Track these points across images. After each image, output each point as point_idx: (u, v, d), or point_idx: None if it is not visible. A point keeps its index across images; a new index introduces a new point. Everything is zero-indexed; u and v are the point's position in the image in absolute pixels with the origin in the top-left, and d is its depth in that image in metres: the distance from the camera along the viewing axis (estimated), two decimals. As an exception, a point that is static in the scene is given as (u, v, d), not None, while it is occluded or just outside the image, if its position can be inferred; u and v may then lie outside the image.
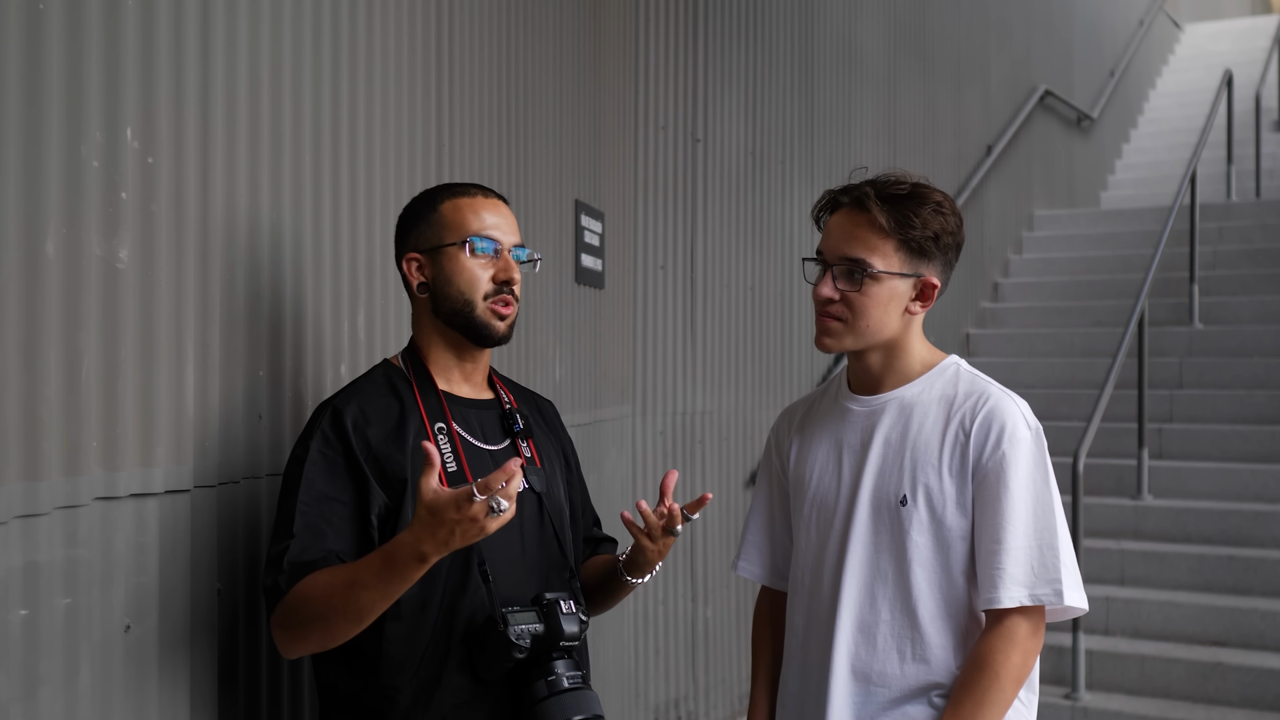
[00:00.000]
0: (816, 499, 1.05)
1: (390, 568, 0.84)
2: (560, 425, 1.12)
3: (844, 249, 1.00)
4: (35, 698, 0.80)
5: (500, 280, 0.99)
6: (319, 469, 0.93)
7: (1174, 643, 2.58)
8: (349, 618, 0.87)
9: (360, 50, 1.26)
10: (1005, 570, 0.95)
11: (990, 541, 0.97)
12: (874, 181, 1.01)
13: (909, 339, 1.04)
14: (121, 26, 0.89)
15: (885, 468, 1.01)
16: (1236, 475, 3.04)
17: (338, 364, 1.20)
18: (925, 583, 0.99)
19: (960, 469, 0.98)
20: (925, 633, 0.98)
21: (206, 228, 0.99)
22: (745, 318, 2.60)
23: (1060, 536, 0.97)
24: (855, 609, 1.00)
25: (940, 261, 1.02)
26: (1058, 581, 0.96)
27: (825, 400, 1.10)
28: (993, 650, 0.96)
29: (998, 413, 0.98)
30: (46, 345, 0.81)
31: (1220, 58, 6.42)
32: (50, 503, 0.81)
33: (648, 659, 2.23)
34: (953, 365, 1.04)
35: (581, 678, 0.91)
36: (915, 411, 1.02)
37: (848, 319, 1.01)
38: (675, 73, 2.34)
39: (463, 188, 1.02)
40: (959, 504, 0.98)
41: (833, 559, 1.02)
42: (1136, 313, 3.02)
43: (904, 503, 0.99)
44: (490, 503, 0.77)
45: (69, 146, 0.84)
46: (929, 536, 0.99)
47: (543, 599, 0.92)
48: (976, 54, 4.14)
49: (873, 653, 0.99)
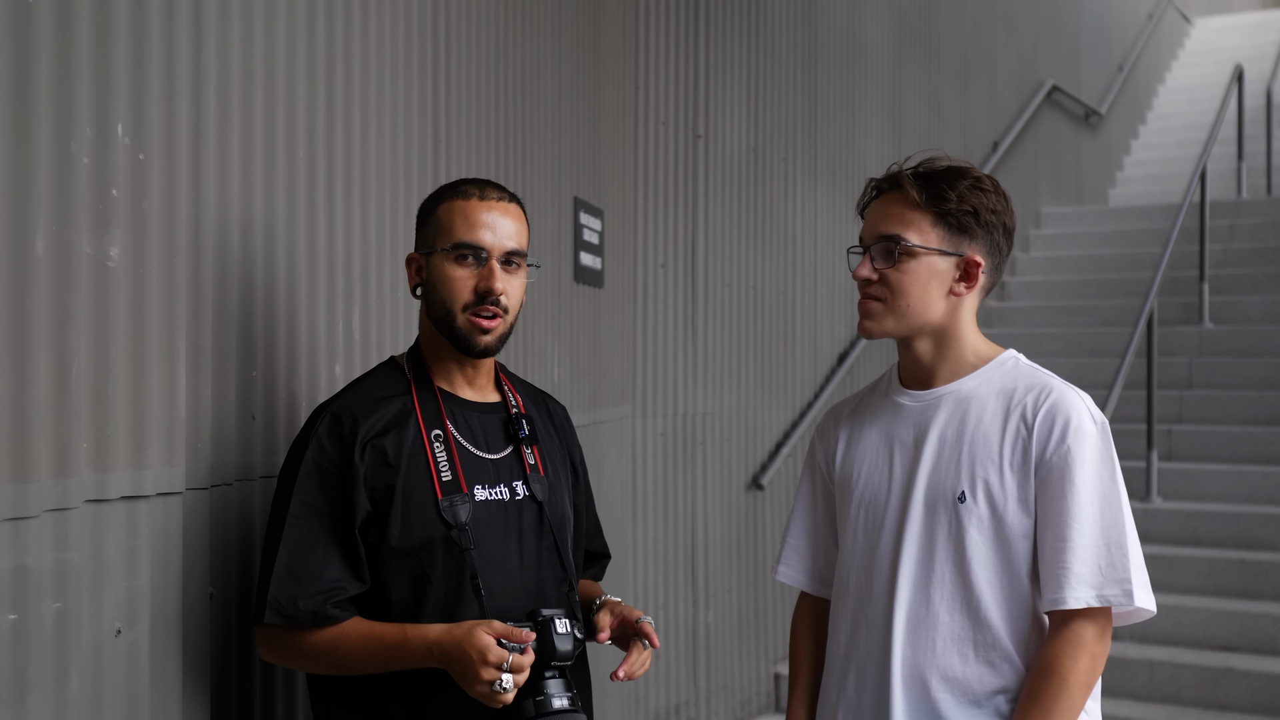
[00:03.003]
0: (865, 497, 1.01)
1: (401, 656, 0.89)
2: (570, 429, 1.10)
3: (879, 228, 0.98)
4: (24, 703, 0.79)
5: (481, 291, 0.95)
6: (312, 479, 0.93)
7: (1183, 648, 2.56)
8: (339, 670, 0.93)
9: (356, 45, 1.24)
10: (1071, 570, 0.91)
11: (1055, 540, 0.93)
12: (910, 165, 1.00)
13: (959, 327, 0.99)
14: (113, 20, 0.88)
15: (941, 463, 0.97)
16: (1247, 477, 3.01)
17: (332, 364, 1.19)
18: (986, 582, 0.94)
19: (1022, 464, 0.94)
20: (987, 635, 0.94)
21: (199, 226, 0.98)
22: (747, 317, 2.58)
23: (1129, 535, 0.93)
24: (911, 611, 0.96)
25: (984, 240, 0.97)
26: (1127, 581, 0.91)
27: (875, 396, 1.06)
28: (1059, 656, 0.92)
29: (1062, 406, 0.94)
30: (36, 345, 0.80)
31: (1230, 52, 6.36)
32: (40, 505, 0.80)
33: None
34: (1011, 358, 1.00)
35: (572, 699, 0.89)
36: (972, 405, 0.97)
37: (887, 299, 0.97)
38: (676, 67, 2.32)
39: (465, 188, 0.98)
40: (1021, 501, 0.94)
41: (885, 559, 0.98)
42: (1145, 312, 3.00)
43: (962, 499, 0.95)
44: (499, 683, 0.84)
45: (59, 143, 0.83)
46: (989, 534, 0.94)
47: (538, 615, 0.90)
48: (983, 48, 4.11)
49: (932, 657, 0.95)
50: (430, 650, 0.88)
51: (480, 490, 0.96)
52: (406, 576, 0.93)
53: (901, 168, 1.00)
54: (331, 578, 0.91)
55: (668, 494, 2.31)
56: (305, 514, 0.92)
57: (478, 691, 0.86)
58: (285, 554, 0.91)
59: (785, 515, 2.77)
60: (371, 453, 0.93)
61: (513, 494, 0.98)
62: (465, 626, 0.87)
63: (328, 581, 0.91)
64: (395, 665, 0.91)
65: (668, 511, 2.30)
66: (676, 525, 2.33)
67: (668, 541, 2.31)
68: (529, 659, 0.86)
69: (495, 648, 0.85)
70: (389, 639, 0.90)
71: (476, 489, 0.96)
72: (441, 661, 0.88)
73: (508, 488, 0.98)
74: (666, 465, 2.31)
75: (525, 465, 1.00)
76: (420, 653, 0.89)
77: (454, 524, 0.93)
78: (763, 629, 2.64)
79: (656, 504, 2.28)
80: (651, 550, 2.25)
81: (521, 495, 0.99)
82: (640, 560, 2.22)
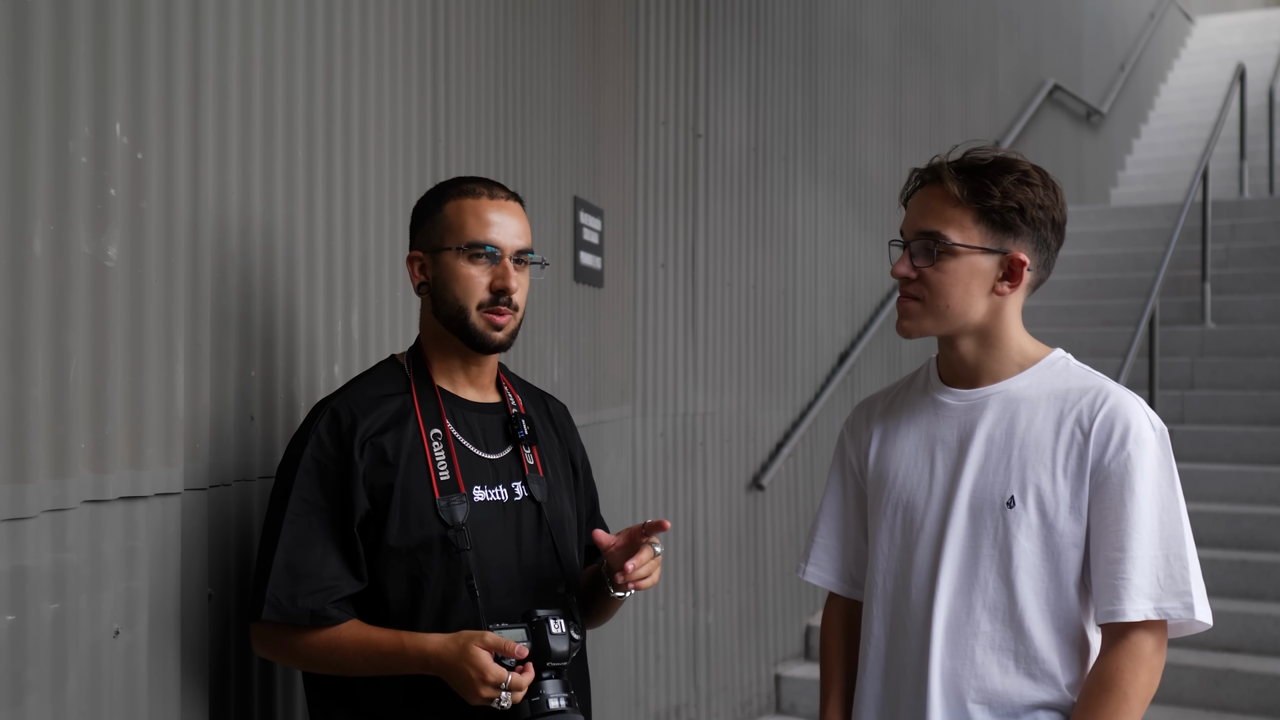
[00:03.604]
0: (901, 498, 0.97)
1: (398, 664, 0.90)
2: (571, 428, 1.10)
3: (919, 224, 0.94)
4: (22, 704, 0.79)
5: (496, 289, 0.96)
6: (311, 476, 0.93)
7: (1185, 649, 2.54)
8: (333, 671, 0.93)
9: (355, 44, 1.24)
10: (1130, 581, 0.88)
11: (1113, 550, 0.89)
12: (958, 156, 0.95)
13: (1004, 326, 0.95)
14: (111, 19, 0.87)
15: (989, 467, 0.93)
16: (1249, 478, 3.01)
17: (331, 364, 1.19)
18: (1031, 591, 0.91)
19: (1077, 470, 0.90)
20: (1030, 646, 0.91)
21: (197, 225, 0.98)
22: (747, 317, 2.57)
23: (1188, 546, 0.90)
24: (951, 618, 0.92)
25: (1031, 237, 0.93)
26: (1187, 594, 0.88)
27: (911, 393, 1.01)
28: (1120, 669, 0.88)
29: (1121, 411, 0.90)
30: (34, 345, 0.80)
31: (1232, 51, 6.35)
32: (38, 506, 0.80)
33: (648, 665, 2.21)
34: (1061, 359, 0.96)
35: (569, 699, 0.89)
36: (1022, 407, 0.93)
37: (925, 298, 0.93)
38: (676, 66, 2.32)
39: (471, 186, 0.99)
40: (1073, 508, 0.90)
41: (924, 564, 0.94)
42: (1147, 312, 2.99)
43: (1011, 504, 0.91)
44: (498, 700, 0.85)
45: (57, 142, 0.82)
46: (1038, 542, 0.91)
47: (533, 616, 0.90)
48: (984, 47, 4.10)
49: (970, 666, 0.91)
50: (427, 662, 0.88)
51: (479, 490, 0.96)
52: (403, 576, 0.93)
53: (946, 158, 0.95)
54: (330, 575, 0.91)
55: (668, 494, 2.31)
56: (304, 511, 0.91)
57: (475, 704, 0.87)
58: (284, 550, 0.90)
59: (786, 516, 2.76)
60: (371, 451, 0.93)
61: (511, 495, 0.98)
62: (461, 640, 0.87)
63: (326, 579, 0.91)
64: (391, 672, 0.91)
65: (668, 512, 2.30)
66: (677, 526, 2.33)
67: (668, 542, 2.30)
68: (528, 678, 0.86)
69: (494, 667, 0.85)
70: (386, 647, 0.90)
71: (475, 489, 0.96)
72: (439, 673, 0.88)
73: (506, 488, 0.98)
74: (667, 465, 2.30)
75: (524, 466, 1.00)
76: (417, 663, 0.89)
77: (451, 524, 0.93)
78: (763, 630, 2.63)
79: (657, 504, 2.27)
80: (652, 550, 2.25)
81: (520, 496, 0.98)
82: (640, 560, 2.21)
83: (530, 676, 0.87)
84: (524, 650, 0.86)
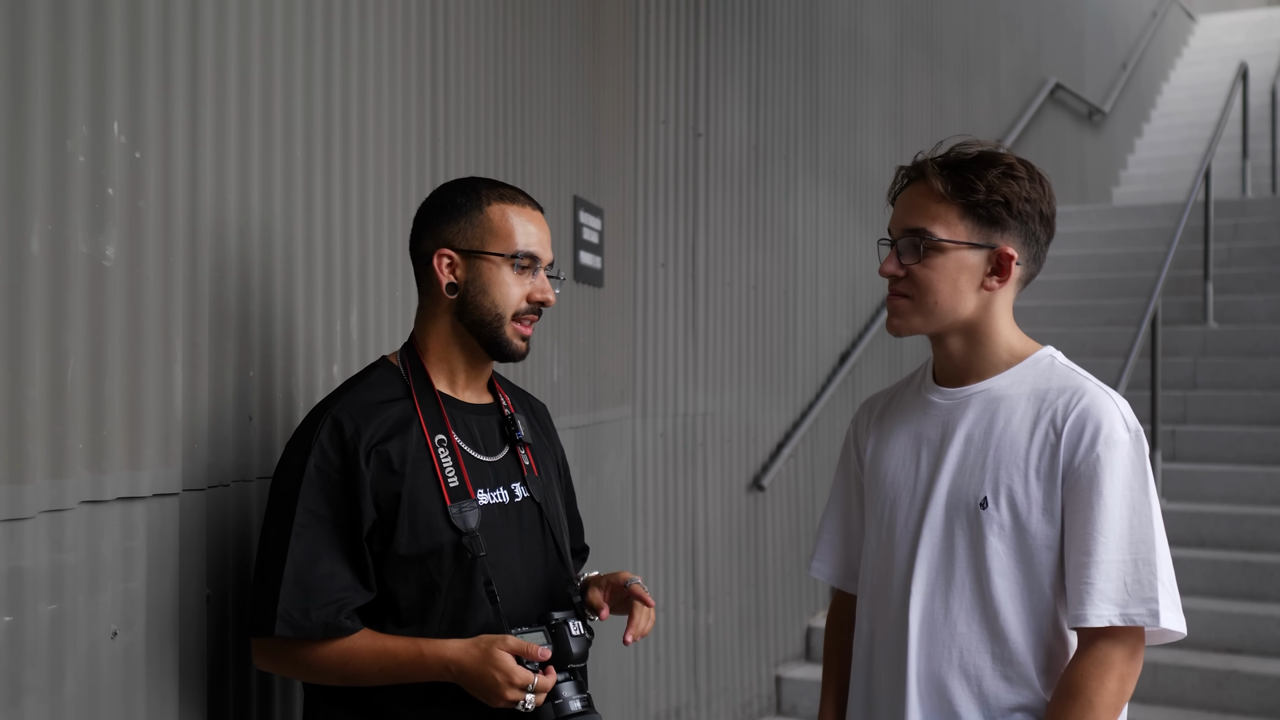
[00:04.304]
0: (888, 497, 0.97)
1: (416, 671, 0.89)
2: (552, 428, 1.10)
3: (905, 221, 0.94)
4: (20, 706, 0.79)
5: (536, 300, 0.97)
6: (315, 487, 0.91)
7: (1187, 650, 2.54)
8: (345, 682, 0.92)
9: (353, 43, 1.24)
10: (1095, 586, 0.87)
11: (1080, 554, 0.88)
12: (942, 152, 0.95)
13: (993, 323, 0.94)
14: (108, 17, 0.87)
15: (965, 466, 0.93)
16: (1252, 478, 3.00)
17: (330, 364, 1.19)
18: (1006, 594, 0.90)
19: (1049, 472, 0.89)
20: (1006, 649, 0.90)
21: (195, 225, 0.97)
22: (748, 317, 2.57)
23: (1158, 551, 0.88)
24: (927, 618, 0.92)
25: (1018, 231, 0.92)
26: (1153, 601, 0.87)
27: (908, 392, 1.02)
28: (1086, 676, 0.87)
29: (1093, 411, 0.89)
30: (31, 345, 0.80)
31: (1235, 50, 6.34)
32: (35, 506, 0.80)
33: (648, 667, 2.21)
34: (1046, 357, 0.95)
35: (586, 700, 0.89)
36: (1002, 406, 0.93)
37: (914, 296, 0.93)
38: (676, 65, 2.31)
39: (510, 193, 0.98)
40: (1046, 510, 0.89)
41: (902, 562, 0.94)
42: (1149, 312, 2.98)
43: (984, 505, 0.91)
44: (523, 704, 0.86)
45: (54, 141, 0.82)
46: (1010, 543, 0.90)
47: (550, 619, 0.90)
48: (985, 46, 4.09)
49: (948, 668, 0.91)
50: (448, 668, 0.88)
51: (483, 494, 0.95)
52: (414, 584, 0.92)
53: (930, 155, 0.95)
54: (340, 587, 0.90)
55: (668, 495, 2.31)
56: (311, 522, 0.90)
57: (499, 706, 0.87)
58: (293, 564, 0.89)
59: (786, 517, 2.75)
60: (376, 459, 0.92)
61: (512, 496, 0.98)
62: (483, 645, 0.87)
63: (336, 591, 0.90)
64: (408, 680, 0.90)
65: (668, 513, 2.30)
66: (677, 526, 2.33)
67: (668, 543, 2.30)
68: (552, 679, 0.87)
69: (520, 670, 0.85)
70: (403, 655, 0.89)
71: (480, 493, 0.95)
72: (460, 679, 0.88)
73: (507, 490, 0.98)
74: (667, 466, 2.30)
75: (522, 467, 1.00)
76: (437, 669, 0.88)
77: (464, 530, 0.92)
78: (764, 631, 2.63)
79: (657, 505, 2.27)
80: (652, 552, 2.25)
81: (521, 497, 0.98)
82: (640, 561, 2.21)
83: (554, 678, 0.87)
84: (547, 653, 0.86)
